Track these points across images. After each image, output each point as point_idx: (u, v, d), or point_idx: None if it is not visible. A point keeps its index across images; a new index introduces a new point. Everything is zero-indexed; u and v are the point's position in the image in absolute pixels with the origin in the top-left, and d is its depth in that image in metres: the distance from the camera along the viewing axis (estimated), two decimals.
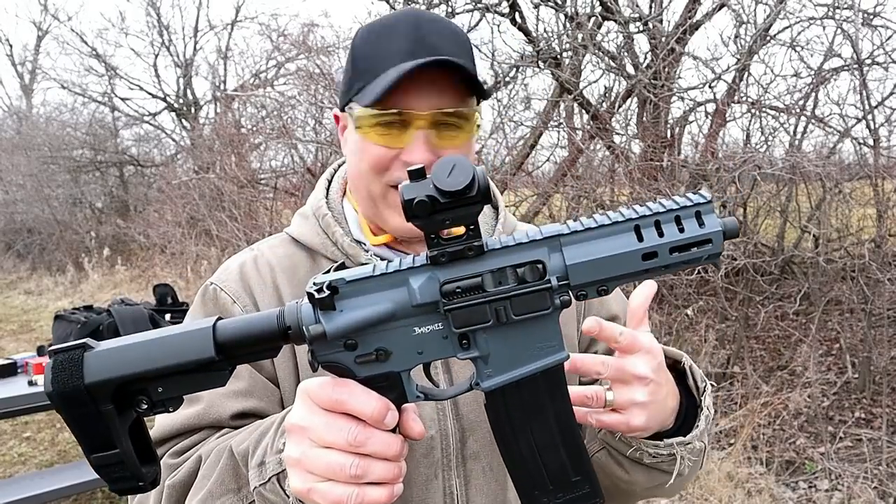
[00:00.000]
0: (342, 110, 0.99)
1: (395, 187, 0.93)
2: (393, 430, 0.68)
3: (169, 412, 0.68)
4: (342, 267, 0.70)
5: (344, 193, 1.08)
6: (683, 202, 0.64)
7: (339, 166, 1.12)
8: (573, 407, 0.71)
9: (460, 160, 0.61)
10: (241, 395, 0.93)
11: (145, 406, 0.67)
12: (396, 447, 0.66)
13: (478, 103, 0.97)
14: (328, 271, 0.68)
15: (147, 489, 0.69)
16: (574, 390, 0.73)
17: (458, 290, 0.64)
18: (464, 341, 0.66)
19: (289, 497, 0.73)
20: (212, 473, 0.83)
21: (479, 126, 0.97)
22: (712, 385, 0.98)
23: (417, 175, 0.62)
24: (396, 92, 0.89)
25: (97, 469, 0.69)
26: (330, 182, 1.10)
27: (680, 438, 0.87)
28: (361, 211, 1.02)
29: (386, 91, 0.87)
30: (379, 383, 0.67)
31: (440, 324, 0.66)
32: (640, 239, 0.64)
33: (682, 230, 0.64)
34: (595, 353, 1.07)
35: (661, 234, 0.64)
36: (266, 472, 0.75)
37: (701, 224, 0.64)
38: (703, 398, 0.91)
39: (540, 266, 0.64)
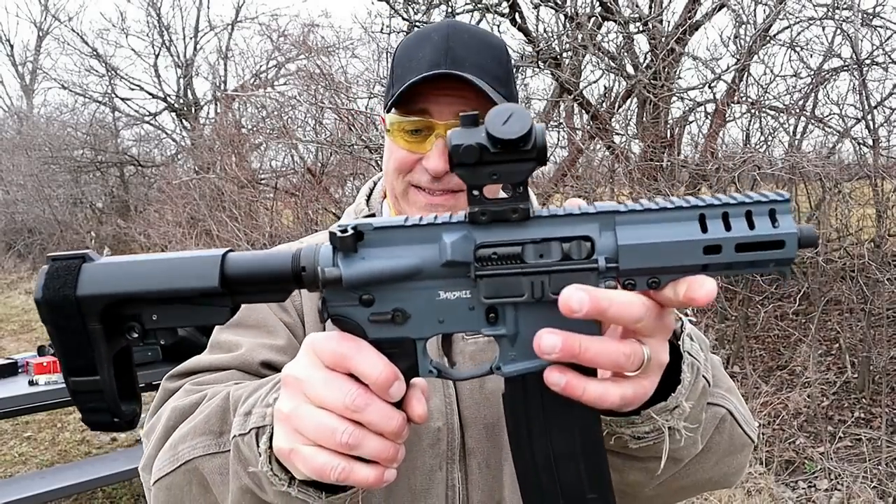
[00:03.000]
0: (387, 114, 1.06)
1: (416, 187, 0.97)
2: (396, 406, 0.61)
3: (160, 345, 0.64)
4: (371, 216, 0.64)
5: (385, 195, 1.13)
6: (758, 197, 0.56)
7: None
8: (591, 384, 0.57)
9: (519, 109, 0.55)
10: (276, 350, 0.95)
11: (136, 334, 0.61)
12: (397, 422, 0.59)
13: None
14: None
15: (122, 428, 0.63)
16: (607, 345, 0.55)
17: (493, 255, 0.57)
18: (491, 315, 0.59)
19: (260, 455, 0.67)
20: (204, 411, 0.81)
21: None
22: (691, 320, 0.77)
23: (470, 122, 0.56)
24: (422, 100, 0.94)
25: (73, 394, 0.63)
26: (376, 184, 1.16)
27: (661, 404, 0.68)
28: (393, 208, 1.08)
29: (405, 98, 0.92)
30: (390, 349, 0.60)
31: (468, 292, 0.59)
32: (705, 230, 0.56)
33: (752, 227, 0.55)
34: None
35: (728, 228, 0.56)
36: (248, 422, 0.71)
37: (774, 224, 0.56)
38: (681, 341, 0.71)
39: (588, 243, 0.57)
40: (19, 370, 3.66)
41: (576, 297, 0.53)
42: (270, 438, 0.66)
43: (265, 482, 0.68)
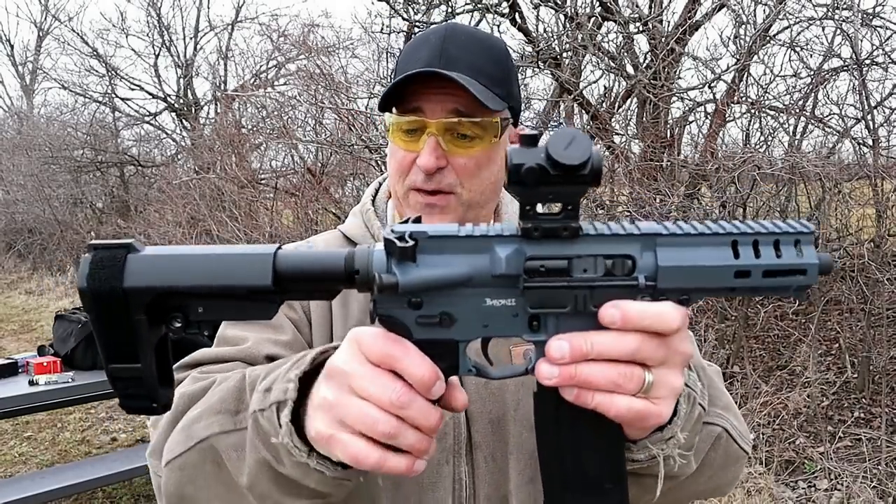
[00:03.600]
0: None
1: (414, 190, 0.99)
2: (434, 403, 0.64)
3: (203, 336, 0.66)
4: (418, 221, 0.66)
5: (389, 196, 1.15)
6: (786, 227, 0.62)
7: None
8: (593, 393, 0.62)
9: (580, 134, 0.58)
10: (282, 345, 0.96)
11: (178, 325, 0.62)
12: (435, 419, 0.63)
13: (513, 116, 1.02)
14: (406, 221, 0.63)
15: (158, 412, 0.66)
16: (602, 370, 0.60)
17: (542, 268, 0.61)
18: (534, 322, 0.63)
19: (281, 428, 0.70)
20: (217, 392, 0.82)
21: (498, 136, 0.99)
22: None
23: (530, 141, 0.58)
24: (415, 100, 0.96)
25: (113, 381, 0.64)
26: (381, 184, 1.17)
27: (658, 435, 0.72)
28: (396, 209, 1.10)
29: (401, 98, 0.96)
30: (434, 349, 0.63)
31: (514, 300, 0.62)
32: (737, 255, 0.61)
33: (779, 255, 0.61)
34: None
35: (757, 255, 0.61)
36: (269, 398, 0.72)
37: (799, 253, 0.61)
38: None
39: (630, 262, 0.61)
40: (19, 370, 3.66)
41: (555, 346, 0.60)
42: (292, 412, 0.69)
43: (284, 454, 0.71)
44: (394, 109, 0.99)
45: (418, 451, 0.64)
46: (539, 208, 0.61)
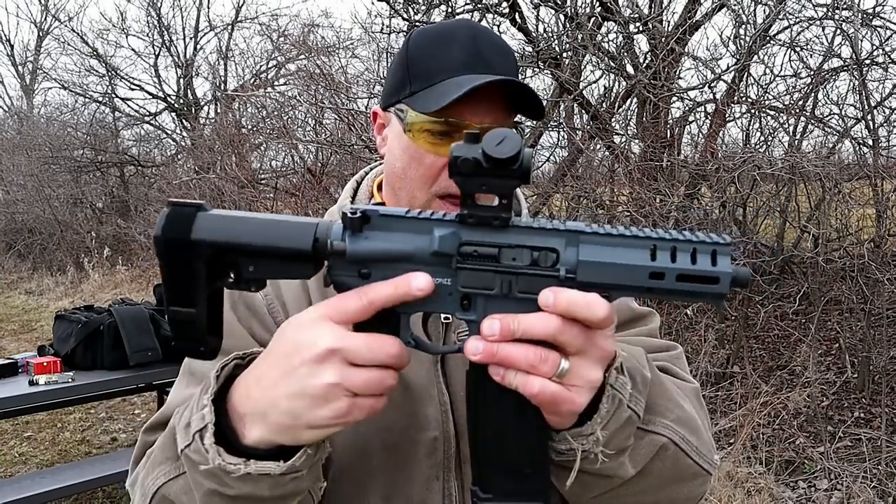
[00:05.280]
0: (385, 109, 1.01)
1: (441, 198, 0.94)
2: None
3: (251, 290, 0.72)
4: (381, 205, 0.73)
5: (371, 196, 1.10)
6: (703, 238, 0.66)
7: (371, 170, 1.15)
8: (513, 372, 0.66)
9: (511, 134, 0.64)
10: None
11: (231, 280, 0.70)
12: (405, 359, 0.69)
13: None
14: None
15: (206, 357, 0.72)
16: (522, 349, 0.64)
17: (474, 252, 0.67)
18: (465, 302, 0.69)
19: (208, 452, 0.71)
20: (158, 443, 0.84)
21: None
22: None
23: (473, 139, 0.65)
24: (453, 102, 0.90)
25: (171, 322, 0.72)
26: (359, 184, 1.12)
27: (577, 430, 0.73)
28: None
29: (451, 102, 0.89)
30: (378, 318, 0.69)
31: (449, 279, 0.68)
32: (654, 258, 0.65)
33: (693, 262, 0.65)
34: None
35: (674, 260, 0.65)
36: (190, 432, 0.73)
37: (714, 263, 0.65)
38: (607, 374, 0.73)
39: (554, 255, 0.66)
40: (19, 370, 3.66)
41: (486, 325, 0.65)
42: (214, 434, 0.71)
43: (223, 476, 0.71)
44: (409, 106, 0.94)
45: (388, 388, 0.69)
46: (480, 200, 0.67)
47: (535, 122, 6.30)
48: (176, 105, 15.13)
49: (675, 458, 0.86)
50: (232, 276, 0.70)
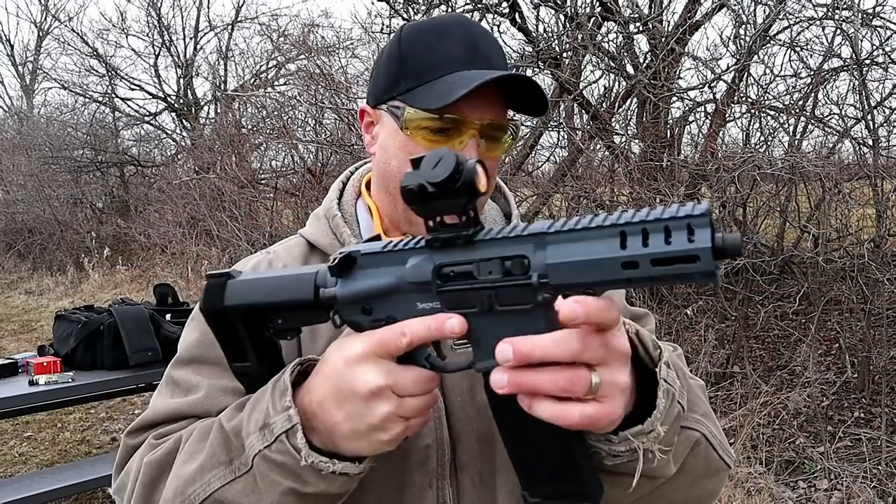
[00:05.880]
0: (375, 106, 0.99)
1: None
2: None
3: (288, 339, 0.81)
4: (377, 238, 0.76)
5: (359, 195, 1.08)
6: (673, 212, 0.58)
7: (356, 169, 1.13)
8: (546, 404, 0.63)
9: (447, 154, 0.64)
10: (237, 393, 0.92)
11: (271, 332, 0.79)
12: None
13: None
14: (372, 239, 0.75)
15: None
16: (550, 376, 0.61)
17: (451, 273, 0.68)
18: None
19: (301, 451, 0.74)
20: (201, 448, 0.82)
21: (514, 138, 0.99)
22: (664, 346, 0.82)
23: (415, 165, 0.66)
24: (456, 100, 0.88)
25: (236, 376, 0.84)
26: (345, 184, 1.10)
27: (638, 427, 0.72)
28: (383, 211, 1.03)
29: (456, 99, 0.87)
30: None
31: (438, 303, 0.69)
32: (624, 246, 0.59)
33: (668, 242, 0.58)
34: None
35: (645, 244, 0.59)
36: (273, 431, 0.75)
37: (691, 238, 0.57)
38: (658, 369, 0.75)
39: (526, 261, 0.64)
40: (19, 370, 3.66)
41: (500, 350, 0.62)
42: (303, 433, 0.75)
43: (309, 474, 0.75)
44: (406, 102, 0.92)
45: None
46: (447, 220, 0.67)
47: (535, 120, 6.30)
48: (176, 105, 15.13)
49: (707, 453, 0.86)
50: (270, 328, 0.79)
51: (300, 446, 0.74)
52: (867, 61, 4.70)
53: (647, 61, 5.84)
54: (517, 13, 5.92)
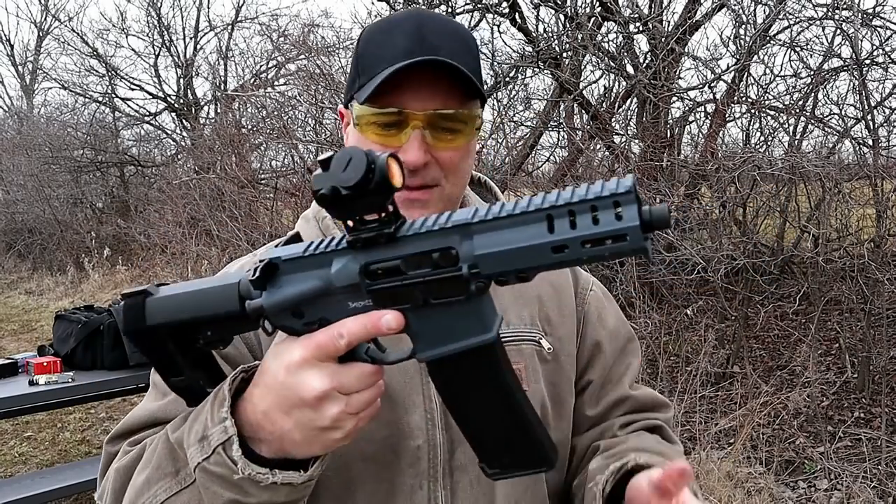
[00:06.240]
0: (346, 107, 1.00)
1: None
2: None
3: (220, 349, 0.80)
4: (297, 237, 0.74)
5: None
6: (598, 191, 0.58)
7: None
8: None
9: (356, 153, 0.62)
10: None
11: (201, 343, 0.77)
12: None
13: (482, 105, 0.96)
14: (279, 245, 0.74)
15: None
16: None
17: (379, 271, 0.66)
18: None
19: (237, 463, 0.73)
20: (150, 459, 0.83)
21: (479, 129, 0.96)
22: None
23: (324, 166, 0.64)
24: (395, 91, 0.89)
25: (175, 391, 0.82)
26: None
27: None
28: None
29: (377, 89, 0.88)
30: None
31: (370, 300, 0.68)
32: (552, 230, 0.60)
33: (596, 222, 0.58)
34: (596, 362, 1.09)
35: (573, 227, 0.59)
36: (211, 443, 0.75)
37: (618, 216, 0.57)
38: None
39: (453, 252, 0.64)
40: (19, 370, 3.66)
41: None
42: (241, 446, 0.74)
43: (248, 485, 0.74)
44: (357, 100, 0.92)
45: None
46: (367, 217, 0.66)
47: (535, 120, 6.30)
48: (176, 105, 15.12)
49: None
50: (201, 340, 0.77)
51: (236, 458, 0.73)
52: (867, 61, 4.69)
53: (647, 61, 5.85)
54: (517, 13, 5.92)
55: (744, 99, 5.58)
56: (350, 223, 0.66)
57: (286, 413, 0.71)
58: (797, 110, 5.30)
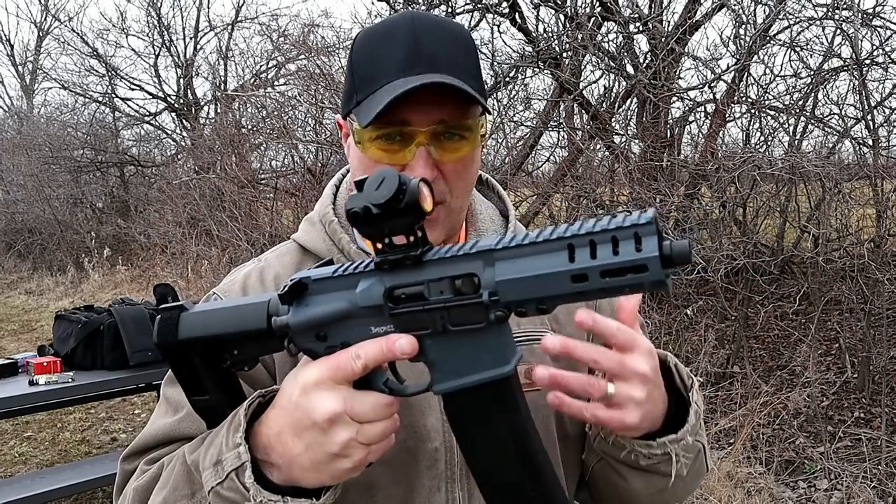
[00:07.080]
0: (344, 118, 0.98)
1: None
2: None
3: (245, 370, 0.79)
4: (330, 262, 0.75)
5: None
6: (619, 222, 0.59)
7: (349, 171, 1.10)
8: (570, 400, 0.75)
9: (390, 174, 0.63)
10: None
11: (228, 364, 0.78)
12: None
13: (482, 111, 0.94)
14: (325, 263, 0.75)
15: None
16: (576, 376, 0.74)
17: (402, 295, 0.67)
18: None
19: (249, 490, 0.73)
20: (168, 480, 0.83)
21: (483, 136, 0.94)
22: (699, 381, 0.96)
23: (358, 186, 0.65)
24: (395, 107, 0.85)
25: (196, 411, 0.82)
26: (338, 187, 1.08)
27: (672, 436, 0.86)
28: None
29: (380, 112, 0.85)
30: None
31: (391, 326, 0.68)
32: (572, 259, 0.60)
33: (616, 253, 0.58)
34: None
35: (594, 256, 0.59)
36: (224, 468, 0.75)
37: (638, 247, 0.58)
38: (690, 394, 0.90)
39: (475, 279, 0.64)
40: (19, 370, 3.66)
41: (550, 342, 0.72)
42: (253, 471, 0.74)
43: None
44: (358, 122, 0.90)
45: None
46: (395, 240, 0.67)
47: (535, 120, 6.30)
48: (176, 105, 15.12)
49: (703, 460, 0.97)
50: (227, 360, 0.78)
51: (248, 485, 0.73)
52: (867, 61, 4.70)
53: (647, 61, 5.84)
54: (517, 13, 5.92)
55: (744, 99, 5.58)
56: (379, 245, 0.67)
57: (297, 435, 0.71)
58: (797, 110, 5.31)
